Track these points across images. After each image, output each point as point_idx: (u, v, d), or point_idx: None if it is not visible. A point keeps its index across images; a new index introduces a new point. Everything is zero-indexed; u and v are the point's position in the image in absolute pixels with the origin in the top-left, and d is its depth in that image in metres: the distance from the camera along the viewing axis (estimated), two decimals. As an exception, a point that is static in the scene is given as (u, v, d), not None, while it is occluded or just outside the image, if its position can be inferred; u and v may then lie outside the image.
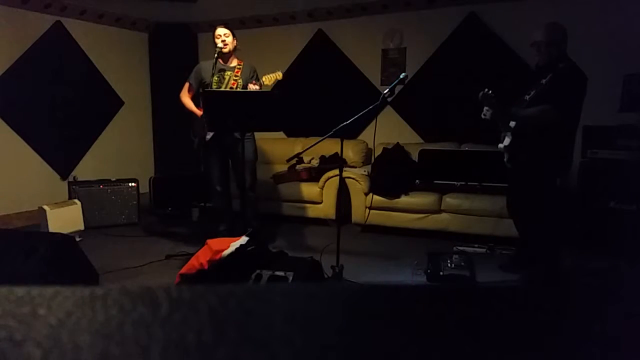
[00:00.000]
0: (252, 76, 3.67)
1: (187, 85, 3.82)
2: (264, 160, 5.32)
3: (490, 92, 2.95)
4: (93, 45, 5.43)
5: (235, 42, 3.69)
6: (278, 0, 5.14)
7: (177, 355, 0.27)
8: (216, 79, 3.68)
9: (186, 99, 3.82)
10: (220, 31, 3.64)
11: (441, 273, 2.97)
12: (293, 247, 3.90)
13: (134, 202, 4.85)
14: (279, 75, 3.54)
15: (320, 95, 5.49)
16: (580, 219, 3.75)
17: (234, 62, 3.74)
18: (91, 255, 2.88)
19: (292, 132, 5.56)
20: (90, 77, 5.45)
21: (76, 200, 4.34)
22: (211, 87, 3.63)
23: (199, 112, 3.70)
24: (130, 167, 5.63)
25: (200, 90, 3.66)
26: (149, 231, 4.59)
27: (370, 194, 4.31)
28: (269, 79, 3.54)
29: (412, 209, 4.30)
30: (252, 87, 3.51)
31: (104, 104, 5.65)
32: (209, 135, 3.67)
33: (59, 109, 5.12)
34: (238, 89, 3.59)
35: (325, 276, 2.93)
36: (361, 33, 5.29)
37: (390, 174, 4.42)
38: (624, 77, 3.95)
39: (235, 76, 3.67)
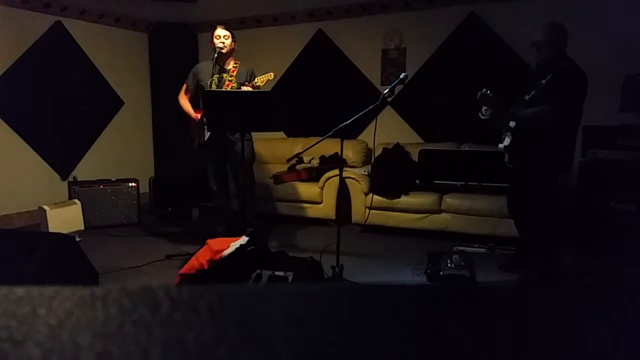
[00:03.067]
0: (249, 77, 3.65)
1: (184, 86, 3.83)
2: (263, 160, 5.33)
3: (488, 92, 2.95)
4: (93, 45, 5.43)
5: (233, 43, 3.69)
6: (278, 0, 5.14)
7: (177, 356, 0.27)
8: (214, 80, 3.67)
9: (184, 100, 3.82)
10: (220, 32, 3.62)
11: (441, 273, 2.97)
12: (293, 247, 3.91)
13: (134, 202, 4.85)
14: (270, 75, 3.56)
15: (320, 95, 5.48)
16: (580, 219, 3.75)
17: (230, 64, 3.72)
18: (91, 255, 2.88)
19: (292, 132, 5.55)
20: (90, 77, 5.45)
21: (76, 200, 4.34)
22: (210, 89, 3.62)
23: (194, 115, 3.71)
24: (130, 167, 5.63)
25: (200, 92, 3.65)
26: (149, 231, 4.59)
27: (370, 194, 4.31)
28: (261, 80, 3.55)
29: (412, 209, 4.30)
30: (245, 88, 3.50)
31: (104, 104, 5.65)
32: (206, 136, 3.67)
33: (59, 109, 5.12)
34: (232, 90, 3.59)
35: (325, 276, 2.93)
36: (361, 33, 5.29)
37: (390, 174, 4.42)
38: (624, 77, 3.95)
39: (231, 76, 3.66)
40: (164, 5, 5.12)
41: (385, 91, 2.98)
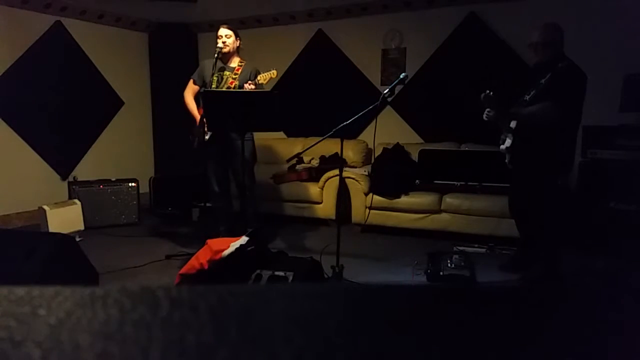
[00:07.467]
0: (253, 77, 3.65)
1: (190, 81, 3.83)
2: (264, 160, 5.32)
3: (491, 93, 2.96)
4: (93, 45, 5.43)
5: (237, 42, 3.69)
6: (278, 0, 5.14)
7: (177, 356, 0.27)
8: (215, 78, 3.67)
9: (189, 98, 3.80)
10: (222, 32, 3.64)
11: (441, 273, 2.97)
12: (293, 247, 3.91)
13: (134, 202, 4.85)
14: (273, 73, 3.55)
15: (320, 95, 5.49)
16: (580, 219, 3.74)
17: (234, 62, 3.72)
18: (91, 255, 2.88)
19: (292, 132, 5.55)
20: (90, 77, 5.45)
21: (76, 200, 4.33)
22: (210, 87, 3.62)
23: (196, 115, 3.71)
24: (130, 167, 5.63)
25: (201, 90, 3.65)
26: (149, 231, 4.59)
27: (370, 194, 4.31)
28: (264, 78, 3.55)
29: (412, 209, 4.30)
30: (247, 87, 3.50)
31: (104, 104, 5.65)
32: (207, 136, 3.66)
33: (59, 109, 5.12)
34: (235, 89, 3.59)
35: (325, 276, 2.93)
36: (361, 33, 5.29)
37: (390, 174, 4.42)
38: (624, 77, 3.95)
39: (235, 75, 3.66)
40: (164, 5, 5.11)
41: (385, 91, 2.98)
